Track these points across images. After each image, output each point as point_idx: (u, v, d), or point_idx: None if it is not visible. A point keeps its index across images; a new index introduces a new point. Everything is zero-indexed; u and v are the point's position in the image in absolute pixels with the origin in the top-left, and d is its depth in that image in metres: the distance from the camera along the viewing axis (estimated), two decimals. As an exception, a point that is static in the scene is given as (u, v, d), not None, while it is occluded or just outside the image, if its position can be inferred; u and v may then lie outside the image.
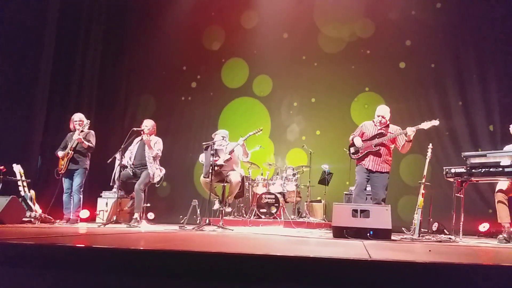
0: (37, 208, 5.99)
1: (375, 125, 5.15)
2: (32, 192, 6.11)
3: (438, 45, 7.23)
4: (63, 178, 6.06)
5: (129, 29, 8.84)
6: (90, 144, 6.04)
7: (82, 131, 6.01)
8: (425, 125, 4.88)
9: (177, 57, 8.73)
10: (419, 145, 6.03)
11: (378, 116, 5.09)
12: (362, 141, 5.11)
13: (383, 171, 5.01)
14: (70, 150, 5.98)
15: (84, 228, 4.88)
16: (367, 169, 5.05)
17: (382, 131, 5.07)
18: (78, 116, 6.19)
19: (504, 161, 4.37)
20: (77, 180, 6.02)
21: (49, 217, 5.98)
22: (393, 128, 5.10)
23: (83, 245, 2.49)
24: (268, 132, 8.12)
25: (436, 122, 4.88)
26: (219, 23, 8.64)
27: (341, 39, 7.91)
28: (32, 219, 5.78)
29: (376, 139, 5.04)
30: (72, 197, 6.01)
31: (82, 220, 6.18)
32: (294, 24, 8.21)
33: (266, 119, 8.24)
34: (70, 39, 8.10)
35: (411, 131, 4.81)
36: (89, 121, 6.15)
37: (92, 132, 6.21)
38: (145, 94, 8.75)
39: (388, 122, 5.12)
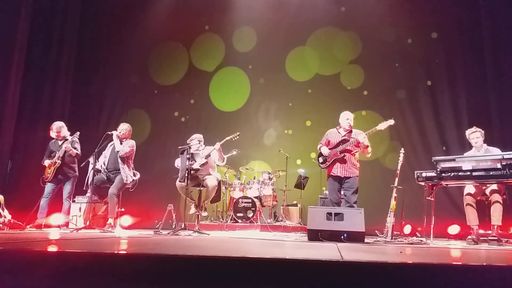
0: (6, 213, 5.80)
1: (338, 132, 5.40)
2: (1, 197, 5.91)
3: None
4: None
5: (106, 31, 8.73)
6: (77, 152, 6.10)
7: (66, 139, 6.08)
8: (382, 125, 5.14)
9: (157, 63, 8.71)
10: (393, 149, 6.19)
11: (347, 119, 5.33)
12: (329, 149, 5.33)
13: (352, 175, 5.21)
14: (58, 160, 5.98)
15: (56, 234, 4.76)
16: (336, 176, 5.24)
17: (345, 137, 5.29)
18: (56, 126, 6.18)
19: (466, 166, 4.54)
20: (68, 188, 6.09)
21: (19, 222, 5.80)
22: (356, 133, 5.32)
23: (55, 250, 2.44)
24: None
25: (391, 122, 5.15)
26: (211, 44, 8.65)
27: (337, 63, 8.03)
28: (1, 225, 5.60)
29: (340, 145, 5.25)
30: (47, 203, 5.98)
31: (55, 226, 6.02)
32: (289, 46, 8.33)
33: (262, 145, 8.20)
34: (44, 42, 7.95)
35: (362, 138, 5.09)
36: (78, 132, 6.19)
37: (77, 139, 6.20)
38: (121, 98, 8.63)
39: (351, 128, 5.35)
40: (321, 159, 5.42)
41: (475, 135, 5.07)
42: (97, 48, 8.66)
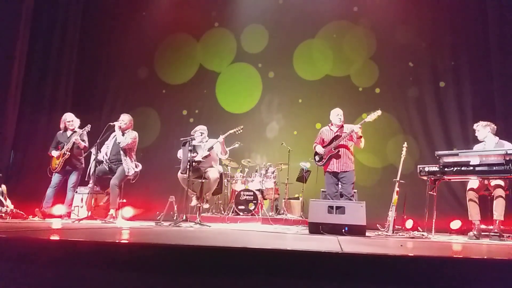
0: (8, 203, 5.84)
1: (330, 129, 5.55)
2: (4, 187, 5.96)
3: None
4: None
5: (109, 22, 8.73)
6: (85, 144, 6.17)
7: (75, 131, 6.14)
8: (370, 117, 5.28)
9: (163, 57, 8.70)
10: (395, 143, 6.16)
11: (337, 115, 5.49)
12: (323, 147, 5.47)
13: (348, 170, 5.33)
14: (67, 152, 6.03)
15: (58, 224, 4.78)
16: (333, 172, 5.36)
17: (338, 133, 5.42)
18: (70, 116, 6.26)
19: (474, 161, 4.52)
20: (73, 178, 6.16)
21: (21, 212, 5.83)
22: (348, 127, 5.44)
23: (56, 239, 2.45)
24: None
25: (379, 112, 5.28)
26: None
27: (348, 60, 7.98)
28: (3, 214, 5.64)
29: (334, 142, 5.38)
30: (53, 193, 6.06)
31: (57, 216, 6.06)
32: (298, 41, 8.29)
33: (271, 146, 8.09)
34: (46, 33, 7.95)
35: (357, 128, 5.24)
36: (89, 125, 6.23)
37: (85, 132, 6.26)
38: (124, 88, 8.63)
39: (342, 123, 5.49)
40: (317, 158, 5.56)
41: (476, 128, 5.14)
42: (100, 39, 8.65)
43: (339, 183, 5.37)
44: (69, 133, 6.21)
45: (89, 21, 8.61)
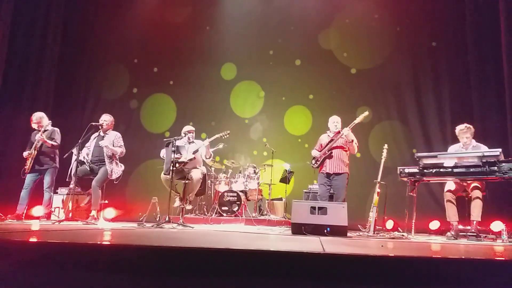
0: (-15, 204, 5.69)
1: (328, 135, 5.69)
2: (-21, 188, 5.80)
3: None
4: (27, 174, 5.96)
5: (92, 18, 8.60)
6: (53, 143, 5.97)
7: (45, 130, 5.96)
8: (359, 118, 5.46)
9: (138, 49, 8.59)
10: (376, 146, 6.24)
11: (334, 122, 5.66)
12: (319, 151, 5.62)
13: (341, 172, 5.40)
14: (35, 150, 5.91)
15: (37, 225, 4.69)
16: (326, 173, 5.46)
17: (333, 138, 5.56)
18: (36, 116, 6.07)
19: (447, 162, 4.62)
20: (47, 179, 5.98)
21: (-1, 213, 5.70)
22: (343, 131, 5.49)
23: (35, 240, 2.40)
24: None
25: (366, 113, 5.49)
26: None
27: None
28: (-20, 216, 5.50)
29: (328, 145, 5.52)
30: (27, 194, 5.89)
31: (35, 217, 5.93)
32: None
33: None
34: (28, 29, 7.74)
35: (346, 131, 5.37)
36: (50, 121, 6.07)
37: (57, 129, 6.11)
38: (106, 88, 8.50)
39: (338, 131, 5.59)
40: (314, 161, 5.69)
41: (465, 134, 5.08)
42: (83, 37, 8.50)
43: (331, 185, 5.45)
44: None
45: (71, 17, 8.44)
